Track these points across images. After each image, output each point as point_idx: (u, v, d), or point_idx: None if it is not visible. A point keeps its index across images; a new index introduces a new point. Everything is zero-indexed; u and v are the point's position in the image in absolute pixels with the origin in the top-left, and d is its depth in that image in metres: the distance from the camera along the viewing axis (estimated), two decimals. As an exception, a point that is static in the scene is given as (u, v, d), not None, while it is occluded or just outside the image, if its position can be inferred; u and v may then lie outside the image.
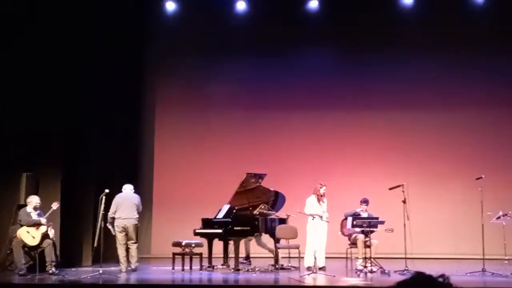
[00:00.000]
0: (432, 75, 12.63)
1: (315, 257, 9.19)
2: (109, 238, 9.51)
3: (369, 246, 9.23)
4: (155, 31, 13.10)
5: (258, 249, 10.40)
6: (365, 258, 9.10)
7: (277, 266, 9.55)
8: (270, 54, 12.88)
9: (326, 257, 9.77)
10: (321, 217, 9.51)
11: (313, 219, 9.37)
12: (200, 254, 9.42)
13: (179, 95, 13.12)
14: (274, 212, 10.10)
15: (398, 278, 8.81)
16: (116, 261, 9.56)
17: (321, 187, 9.81)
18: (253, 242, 10.12)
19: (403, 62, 12.66)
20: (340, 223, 9.81)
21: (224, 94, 13.06)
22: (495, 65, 12.41)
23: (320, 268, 9.39)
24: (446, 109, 12.63)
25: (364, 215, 9.68)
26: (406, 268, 8.94)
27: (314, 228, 9.50)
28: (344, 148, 12.73)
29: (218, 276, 9.21)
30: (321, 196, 9.77)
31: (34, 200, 9.13)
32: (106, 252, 9.32)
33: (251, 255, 10.50)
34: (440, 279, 1.77)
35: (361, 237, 9.40)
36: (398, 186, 9.40)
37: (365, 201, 9.84)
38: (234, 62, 13.04)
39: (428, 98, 12.63)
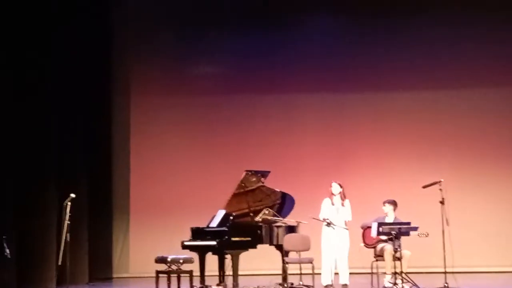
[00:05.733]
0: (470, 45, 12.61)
1: (334, 273, 9.13)
2: (76, 254, 9.44)
3: (399, 259, 9.17)
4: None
5: (259, 264, 10.37)
6: (395, 273, 9.05)
7: (285, 285, 9.51)
8: (266, 26, 12.88)
9: (350, 273, 9.74)
10: (329, 223, 9.46)
11: (327, 225, 9.31)
12: (190, 272, 9.32)
13: (159, 77, 13.08)
14: (281, 218, 10.01)
15: None
16: (86, 282, 9.51)
17: (330, 186, 9.83)
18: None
19: (429, 30, 12.67)
20: (362, 232, 9.78)
21: (214, 75, 13.04)
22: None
23: (342, 287, 9.39)
24: (492, 87, 12.63)
25: (389, 220, 9.64)
26: (446, 284, 8.93)
27: (330, 237, 9.45)
28: (366, 138, 12.72)
29: (213, 298, 9.17)
30: (334, 195, 9.76)
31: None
32: (72, 271, 9.27)
33: (250, 271, 10.46)
34: None
35: (389, 247, 9.36)
36: (435, 183, 9.33)
37: (389, 202, 9.80)
38: (224, 37, 13.04)
39: (465, 74, 12.65)
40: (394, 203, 9.83)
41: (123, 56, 13.13)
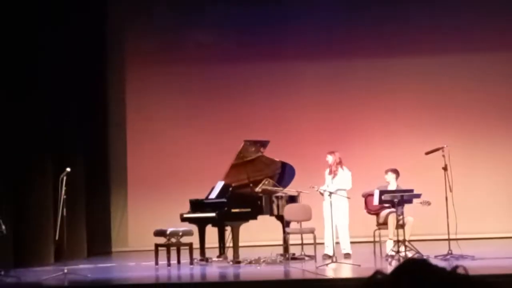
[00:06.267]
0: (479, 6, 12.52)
1: (336, 243, 9.18)
2: (74, 229, 9.47)
3: (402, 226, 9.20)
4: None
5: (260, 235, 10.38)
6: (398, 241, 9.07)
7: (287, 256, 9.55)
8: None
9: (351, 242, 9.79)
10: (322, 193, 9.51)
11: (329, 195, 9.32)
12: (190, 245, 9.39)
13: (155, 47, 12.98)
14: (282, 188, 10.06)
15: (440, 264, 8.90)
16: (84, 256, 9.56)
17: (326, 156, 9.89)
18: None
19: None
20: (364, 199, 9.80)
21: (211, 44, 12.94)
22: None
23: (345, 256, 9.46)
24: (493, 51, 12.54)
25: (391, 187, 9.65)
26: (450, 252, 8.93)
27: (329, 206, 9.45)
28: (367, 106, 12.67)
29: (213, 270, 9.20)
30: (331, 166, 9.81)
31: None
32: (70, 246, 9.26)
33: (251, 243, 10.50)
34: (458, 271, 1.71)
35: (393, 214, 9.37)
36: (437, 149, 9.33)
37: (391, 171, 9.80)
38: (221, 5, 12.93)
39: (468, 39, 12.56)
40: (396, 172, 9.84)
41: (118, 26, 13.03)
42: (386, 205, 9.47)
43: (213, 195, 9.75)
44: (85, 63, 11.83)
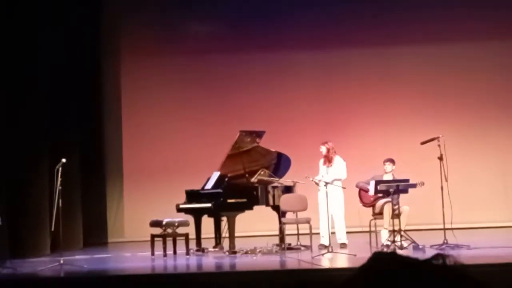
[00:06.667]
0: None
1: (331, 232, 9.25)
2: (70, 219, 9.50)
3: (398, 216, 9.27)
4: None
5: (256, 225, 10.42)
6: (394, 231, 9.14)
7: (283, 246, 9.60)
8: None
9: (346, 232, 9.84)
10: (317, 183, 9.56)
11: (325, 185, 9.38)
12: (186, 235, 9.42)
13: (150, 36, 12.98)
14: (277, 179, 10.12)
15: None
16: (80, 247, 9.59)
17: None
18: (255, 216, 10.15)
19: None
20: (358, 193, 9.86)
21: (206, 34, 12.97)
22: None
23: (340, 246, 9.54)
24: (489, 40, 12.58)
25: (387, 177, 9.71)
26: (445, 241, 8.98)
27: (324, 196, 9.51)
28: (363, 96, 12.69)
29: (210, 261, 9.28)
30: (325, 157, 9.85)
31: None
32: (66, 237, 9.31)
33: (247, 233, 10.56)
34: (435, 261, 1.58)
35: (389, 204, 9.44)
36: (433, 139, 9.38)
37: (390, 161, 9.86)
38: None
39: (465, 27, 12.58)
40: (393, 161, 9.89)
41: (112, 16, 13.00)
42: (380, 194, 9.53)
43: (209, 185, 9.78)
44: (81, 57, 11.85)
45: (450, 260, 1.58)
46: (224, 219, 9.72)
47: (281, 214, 9.81)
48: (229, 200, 9.45)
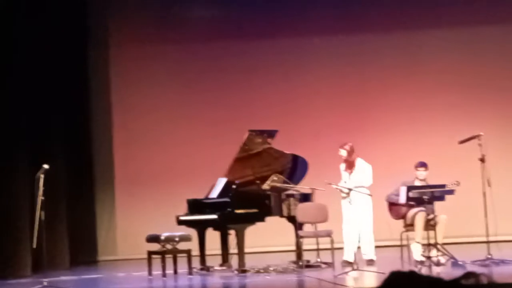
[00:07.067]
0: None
1: (358, 247, 9.25)
2: (54, 235, 9.52)
3: (433, 227, 9.18)
4: None
5: (269, 239, 10.37)
6: (429, 244, 9.06)
7: (300, 263, 9.59)
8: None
9: (375, 246, 9.83)
10: (341, 189, 9.63)
11: (348, 192, 9.41)
12: (188, 252, 9.43)
13: (142, 23, 12.99)
14: (293, 185, 10.07)
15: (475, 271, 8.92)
16: (67, 267, 9.60)
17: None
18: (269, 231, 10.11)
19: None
20: (388, 206, 9.79)
21: (208, 19, 12.99)
22: None
23: (367, 262, 9.51)
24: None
25: (418, 184, 9.63)
26: (489, 256, 8.93)
27: (349, 205, 9.48)
28: (390, 88, 12.68)
29: (216, 281, 9.29)
30: (345, 161, 9.90)
31: None
32: (51, 255, 9.35)
33: (258, 249, 10.50)
34: (465, 281, 1.56)
35: (421, 213, 9.35)
36: (473, 137, 9.35)
37: (422, 165, 9.80)
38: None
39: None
40: (426, 166, 9.81)
41: (101, 4, 13.01)
42: (413, 203, 9.45)
43: (214, 194, 9.76)
44: (64, 52, 11.85)
45: (483, 279, 1.58)
46: (232, 232, 9.69)
47: (298, 226, 9.77)
48: (237, 211, 9.43)
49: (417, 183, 9.69)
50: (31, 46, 10.80)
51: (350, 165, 9.88)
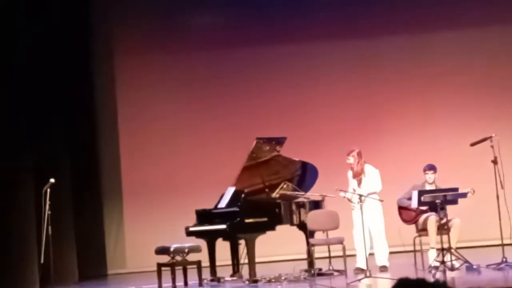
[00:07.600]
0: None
1: (369, 254, 9.25)
2: (62, 249, 9.52)
3: (447, 231, 9.10)
4: None
5: (280, 248, 10.29)
6: (443, 249, 8.98)
7: (312, 272, 9.55)
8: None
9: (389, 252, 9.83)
10: (350, 199, 9.71)
11: (359, 199, 9.42)
12: (198, 263, 9.36)
13: (146, 32, 13.02)
14: (303, 193, 10.08)
15: (492, 276, 8.94)
16: (75, 281, 9.57)
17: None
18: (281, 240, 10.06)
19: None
20: (398, 210, 9.79)
21: (211, 26, 13.05)
22: None
23: (380, 269, 9.52)
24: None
25: (429, 187, 9.61)
26: (504, 259, 8.90)
27: (360, 212, 9.44)
28: (399, 91, 12.71)
29: (227, 292, 9.21)
30: (352, 168, 9.91)
31: None
32: (58, 269, 9.31)
33: (269, 258, 10.50)
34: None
35: (433, 217, 9.31)
36: (485, 139, 9.32)
37: (431, 168, 9.79)
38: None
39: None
40: (435, 169, 9.79)
41: (104, 11, 13.07)
42: (424, 208, 9.39)
43: (223, 203, 9.75)
44: (69, 59, 11.89)
45: None
46: (242, 242, 9.68)
47: (309, 234, 9.77)
48: (247, 220, 9.39)
49: (427, 186, 9.68)
50: (31, 46, 10.78)
51: (358, 172, 9.87)
